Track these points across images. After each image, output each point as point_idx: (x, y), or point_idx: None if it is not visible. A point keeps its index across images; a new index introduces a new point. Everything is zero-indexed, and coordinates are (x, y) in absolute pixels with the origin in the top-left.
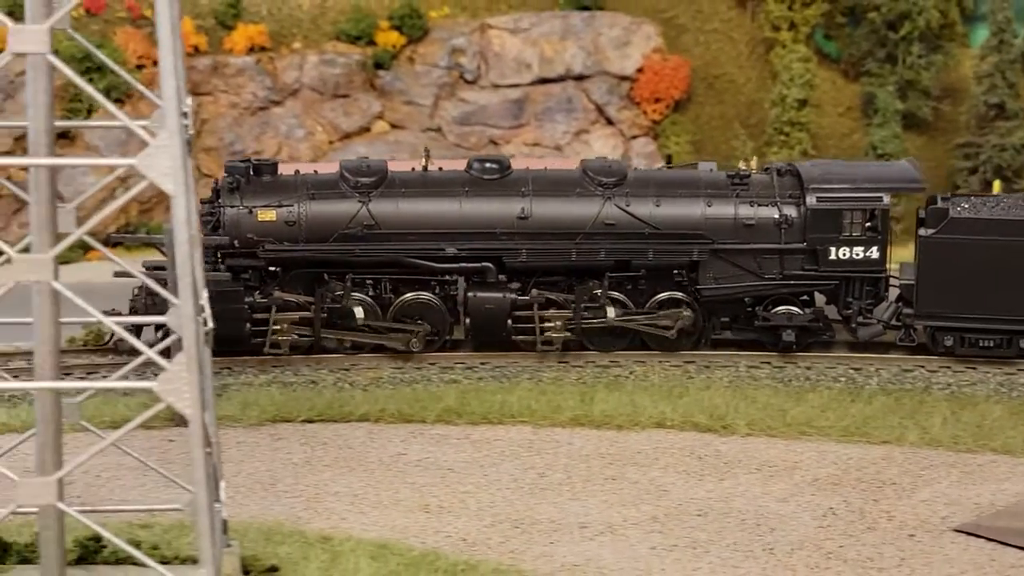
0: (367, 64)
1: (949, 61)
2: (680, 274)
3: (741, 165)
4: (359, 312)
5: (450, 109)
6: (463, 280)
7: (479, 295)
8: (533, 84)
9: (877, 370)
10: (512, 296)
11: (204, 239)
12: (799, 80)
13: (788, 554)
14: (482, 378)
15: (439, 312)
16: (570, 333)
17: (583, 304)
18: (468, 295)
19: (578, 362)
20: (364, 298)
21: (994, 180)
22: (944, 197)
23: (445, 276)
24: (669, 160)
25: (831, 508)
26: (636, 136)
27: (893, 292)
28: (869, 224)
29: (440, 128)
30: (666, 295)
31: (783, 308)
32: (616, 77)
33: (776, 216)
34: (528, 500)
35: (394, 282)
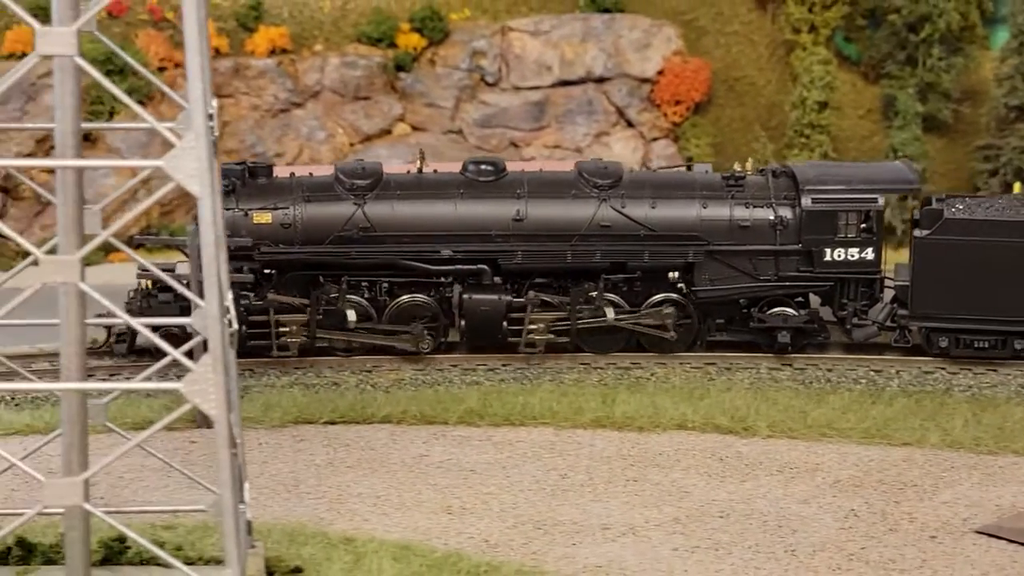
0: (388, 66)
1: (969, 63)
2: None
3: (736, 167)
4: (351, 315)
5: (471, 111)
6: (458, 282)
7: (474, 297)
8: (554, 86)
9: (898, 372)
10: (507, 298)
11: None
12: (819, 82)
13: (810, 555)
14: (504, 380)
15: (435, 314)
16: (553, 335)
17: (578, 305)
18: (463, 297)
19: (599, 364)
20: (360, 301)
21: (1014, 182)
22: (939, 198)
23: (440, 278)
24: (689, 162)
25: (853, 510)
26: (656, 138)
27: (888, 293)
28: (864, 225)
29: (461, 130)
30: (661, 296)
31: (778, 309)
32: (636, 79)
33: (771, 218)
34: (550, 501)
35: (389, 284)
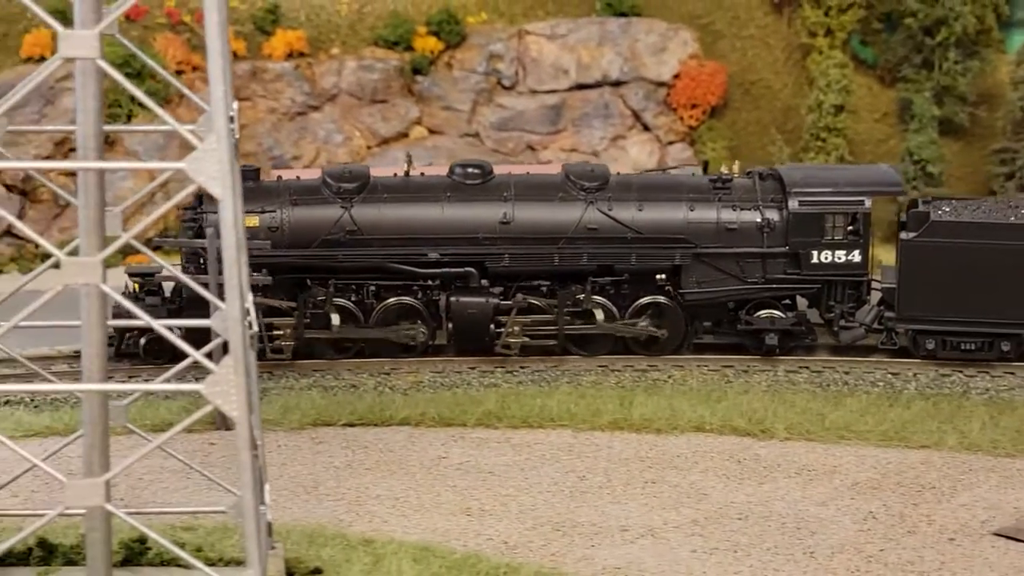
0: (405, 70)
1: (985, 67)
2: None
3: (723, 169)
4: (335, 319)
5: (488, 115)
6: (446, 285)
7: (462, 300)
8: (570, 90)
9: (915, 375)
10: (495, 301)
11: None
12: (835, 86)
13: (829, 558)
14: (522, 382)
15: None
16: (528, 338)
17: (565, 308)
18: (451, 300)
19: (616, 366)
20: (347, 303)
21: None
22: (925, 200)
23: (428, 281)
24: (706, 166)
25: (871, 512)
26: (673, 142)
27: (875, 295)
28: (851, 228)
29: (478, 133)
30: (648, 299)
31: (765, 312)
32: (653, 83)
33: (758, 220)
34: (569, 503)
35: (377, 287)
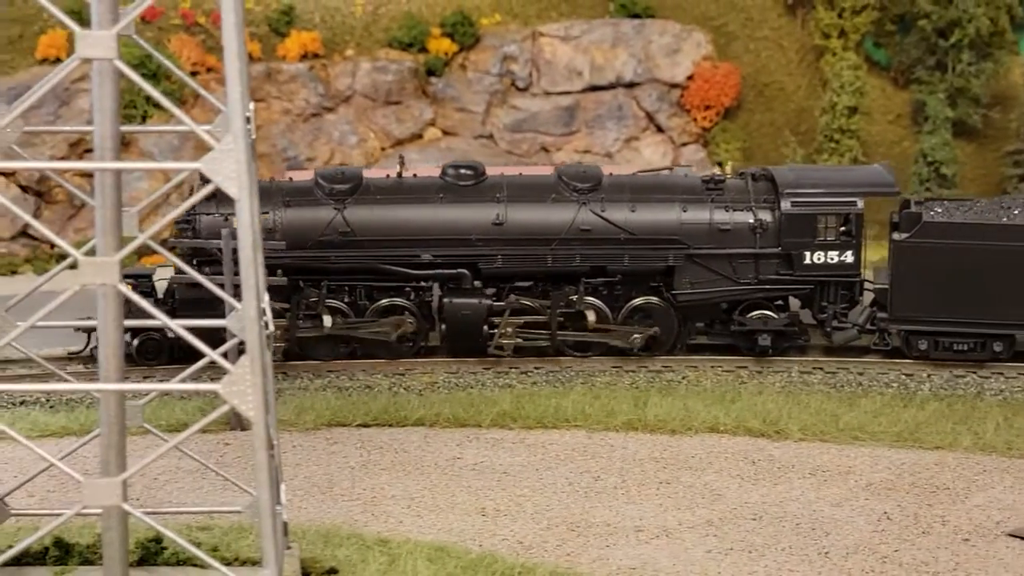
0: (419, 71)
1: (999, 68)
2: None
3: (716, 170)
4: (327, 320)
5: (502, 116)
6: (438, 286)
7: (455, 301)
8: (584, 91)
9: (929, 376)
10: (488, 302)
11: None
12: (849, 88)
13: (844, 558)
14: (536, 383)
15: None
16: (522, 340)
17: (559, 309)
18: (444, 301)
19: (631, 367)
20: (340, 305)
21: None
22: (917, 201)
23: (420, 282)
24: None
25: (885, 512)
26: (686, 143)
27: (868, 296)
28: (843, 228)
29: (492, 135)
30: (641, 300)
31: (758, 312)
32: (666, 84)
33: (751, 221)
34: (583, 503)
35: (369, 289)
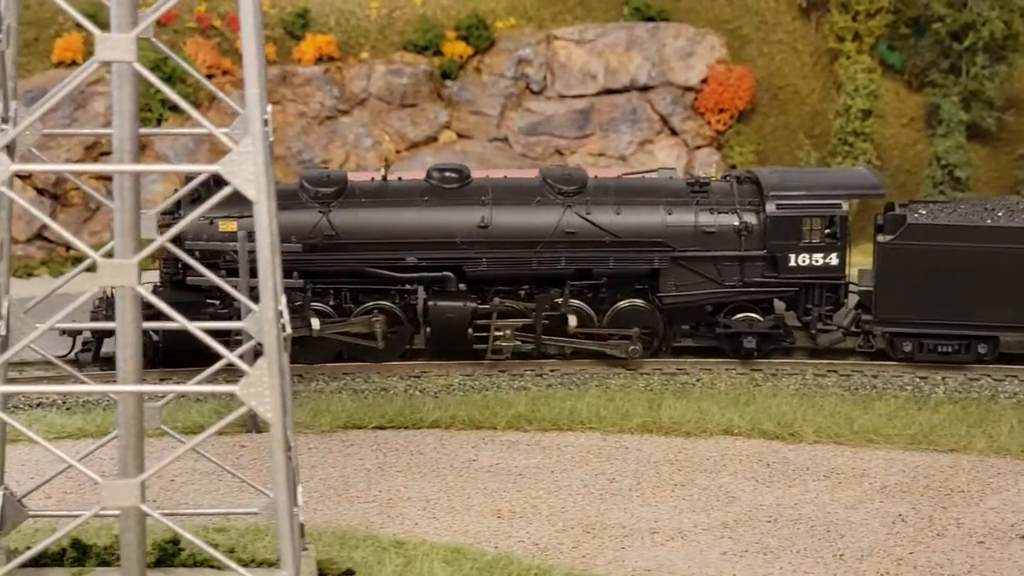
0: (434, 74)
1: (1013, 72)
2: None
3: (701, 172)
4: (315, 324)
5: (516, 119)
6: (423, 289)
7: (439, 304)
8: (598, 94)
9: (943, 379)
10: (472, 305)
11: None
12: (863, 91)
13: (858, 560)
14: (551, 385)
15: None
16: (520, 342)
17: (543, 312)
18: (428, 304)
19: (645, 369)
20: (324, 308)
21: None
22: (902, 204)
23: (405, 285)
24: (734, 169)
25: (900, 515)
26: (700, 146)
27: (853, 298)
28: (828, 231)
29: (507, 138)
30: (627, 303)
31: (743, 315)
32: (680, 88)
33: (736, 223)
34: (599, 505)
35: (354, 292)
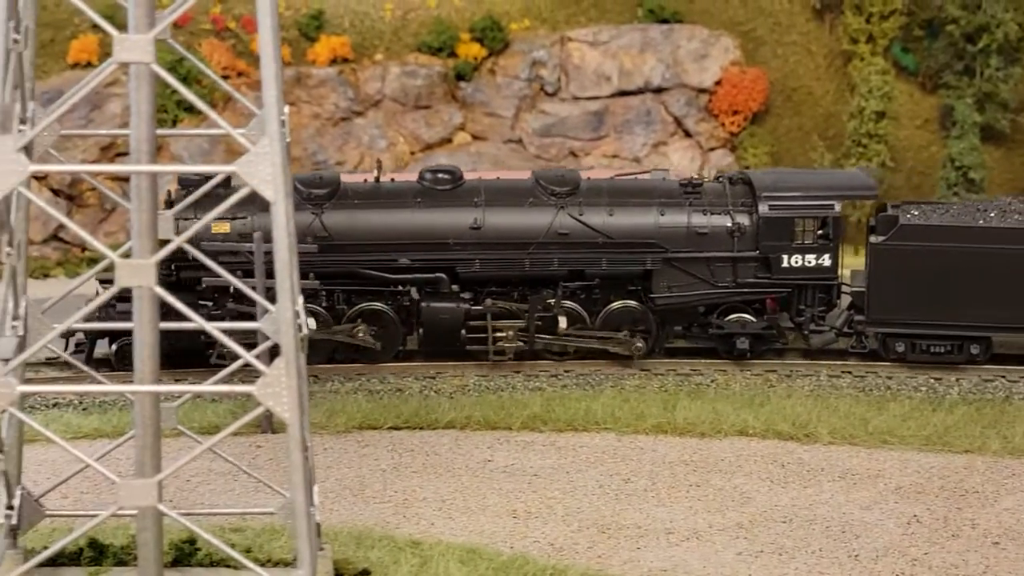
0: (448, 76)
1: None
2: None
3: (694, 174)
4: (311, 324)
5: (531, 121)
6: (416, 291)
7: (432, 305)
8: (612, 96)
9: (958, 380)
10: (465, 306)
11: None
12: (877, 92)
13: (873, 561)
14: (566, 386)
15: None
16: (523, 343)
17: (536, 314)
18: (422, 305)
19: (660, 370)
20: (317, 309)
21: None
22: (894, 204)
23: (398, 287)
24: (747, 169)
25: (915, 516)
26: (714, 148)
27: (846, 299)
28: (821, 232)
29: (521, 139)
30: (619, 304)
31: (736, 316)
32: (694, 89)
33: (729, 224)
34: (614, 506)
35: (347, 293)
